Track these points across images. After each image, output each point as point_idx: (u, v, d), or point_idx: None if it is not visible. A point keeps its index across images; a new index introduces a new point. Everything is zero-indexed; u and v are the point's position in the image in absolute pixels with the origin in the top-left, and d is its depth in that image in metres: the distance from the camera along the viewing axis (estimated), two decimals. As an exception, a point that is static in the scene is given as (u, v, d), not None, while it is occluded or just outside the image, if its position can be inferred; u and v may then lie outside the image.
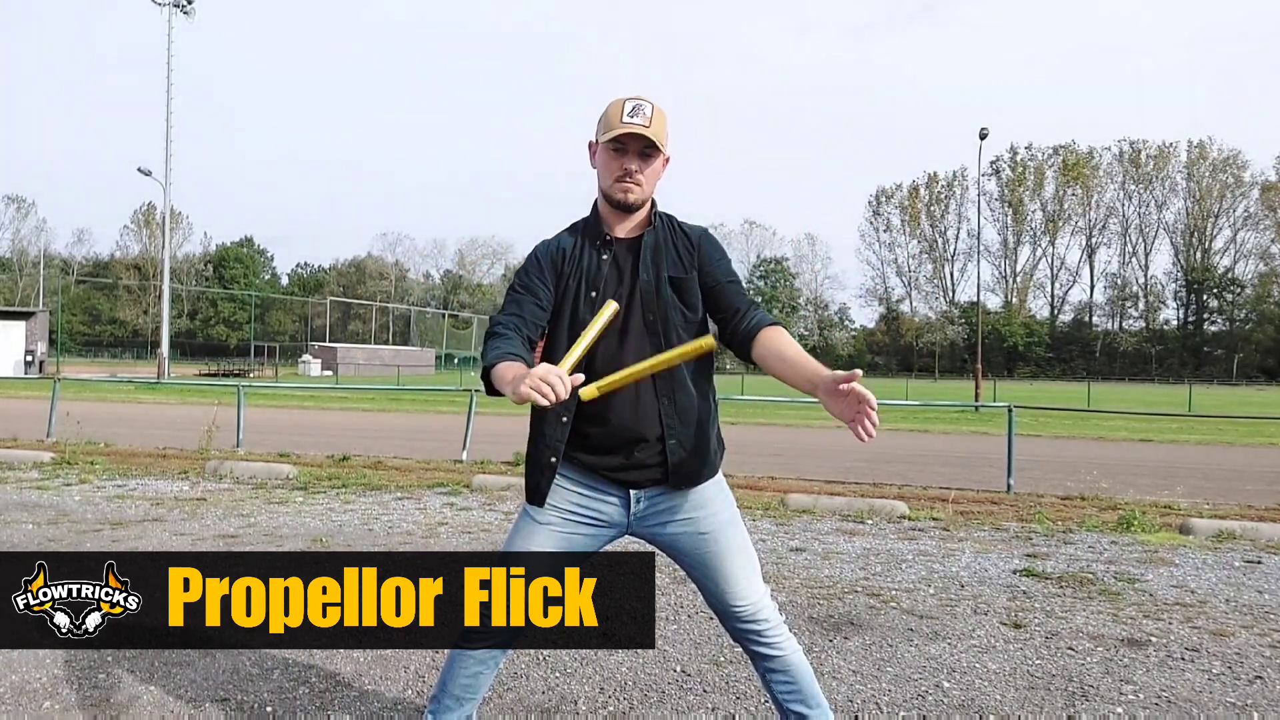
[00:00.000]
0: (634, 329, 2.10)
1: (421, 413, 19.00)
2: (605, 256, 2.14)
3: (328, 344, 60.30)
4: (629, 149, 2.08)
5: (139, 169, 38.16)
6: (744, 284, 2.23)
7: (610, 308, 2.01)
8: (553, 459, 2.12)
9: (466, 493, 7.45)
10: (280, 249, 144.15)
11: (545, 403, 1.73)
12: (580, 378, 1.82)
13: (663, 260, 2.13)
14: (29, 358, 36.68)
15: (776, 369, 2.00)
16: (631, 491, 2.12)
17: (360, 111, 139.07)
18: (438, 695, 2.23)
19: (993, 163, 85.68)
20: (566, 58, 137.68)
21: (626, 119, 2.06)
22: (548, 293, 2.15)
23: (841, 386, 1.76)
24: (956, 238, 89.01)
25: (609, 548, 2.22)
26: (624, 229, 2.17)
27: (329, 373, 49.84)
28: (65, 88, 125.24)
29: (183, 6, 38.43)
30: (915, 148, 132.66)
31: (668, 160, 2.19)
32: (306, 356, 54.97)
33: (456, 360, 63.77)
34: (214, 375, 42.65)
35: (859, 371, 1.75)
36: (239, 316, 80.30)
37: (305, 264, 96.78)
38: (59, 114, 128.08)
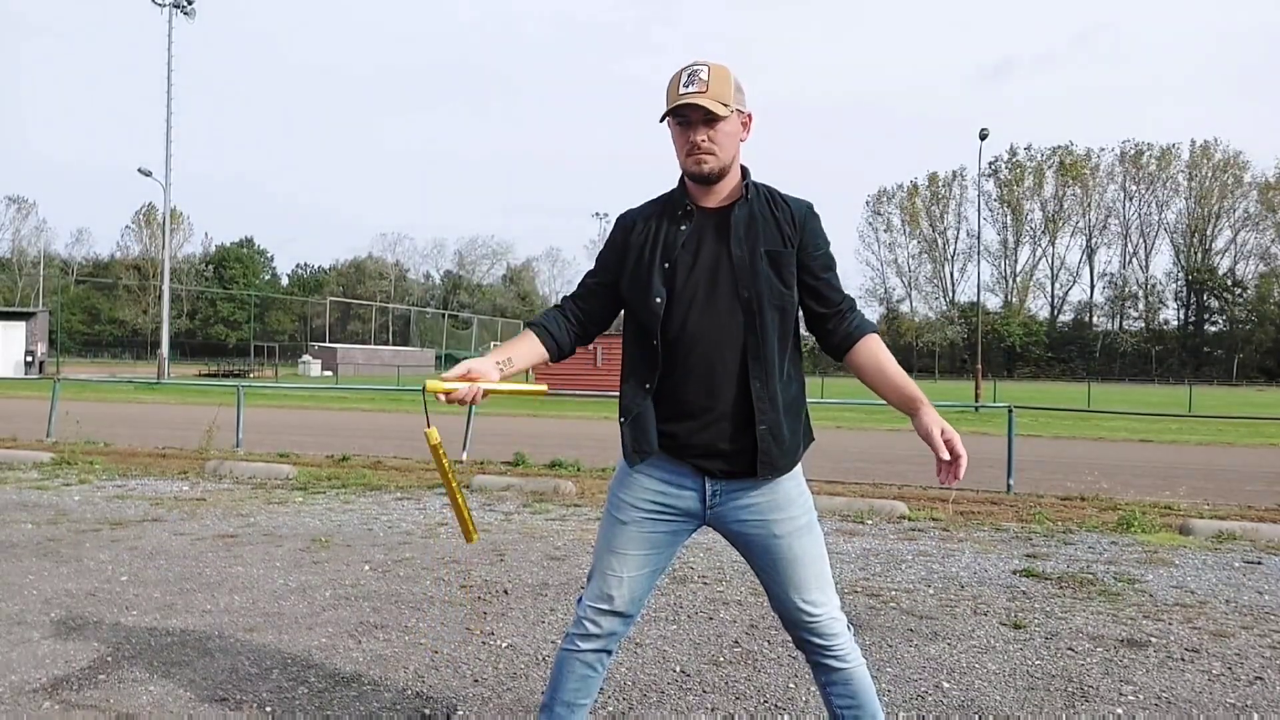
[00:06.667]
0: (725, 302, 2.01)
1: (421, 413, 18.98)
2: (685, 227, 2.06)
3: (327, 344, 60.30)
4: (692, 120, 1.99)
5: (139, 169, 38.19)
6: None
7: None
8: (638, 412, 2.07)
9: (466, 493, 7.45)
10: (280, 249, 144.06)
11: (443, 397, 1.93)
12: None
13: (759, 233, 2.03)
14: (29, 358, 36.67)
15: (872, 380, 2.07)
16: (707, 482, 2.06)
17: (360, 111, 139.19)
18: (548, 704, 2.17)
19: (991, 163, 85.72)
20: (566, 56, 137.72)
21: (682, 90, 1.99)
22: (617, 270, 2.13)
23: (943, 461, 1.96)
24: (956, 238, 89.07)
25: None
26: (712, 200, 2.08)
27: (329, 373, 49.82)
28: (65, 87, 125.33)
29: (183, 6, 38.39)
30: (915, 148, 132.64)
31: (749, 118, 2.09)
32: (306, 356, 54.93)
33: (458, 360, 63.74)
34: (214, 375, 42.64)
35: (959, 458, 1.95)
36: (239, 316, 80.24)
37: (305, 264, 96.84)
38: (59, 114, 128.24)
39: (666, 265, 2.05)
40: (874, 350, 2.07)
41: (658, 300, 2.03)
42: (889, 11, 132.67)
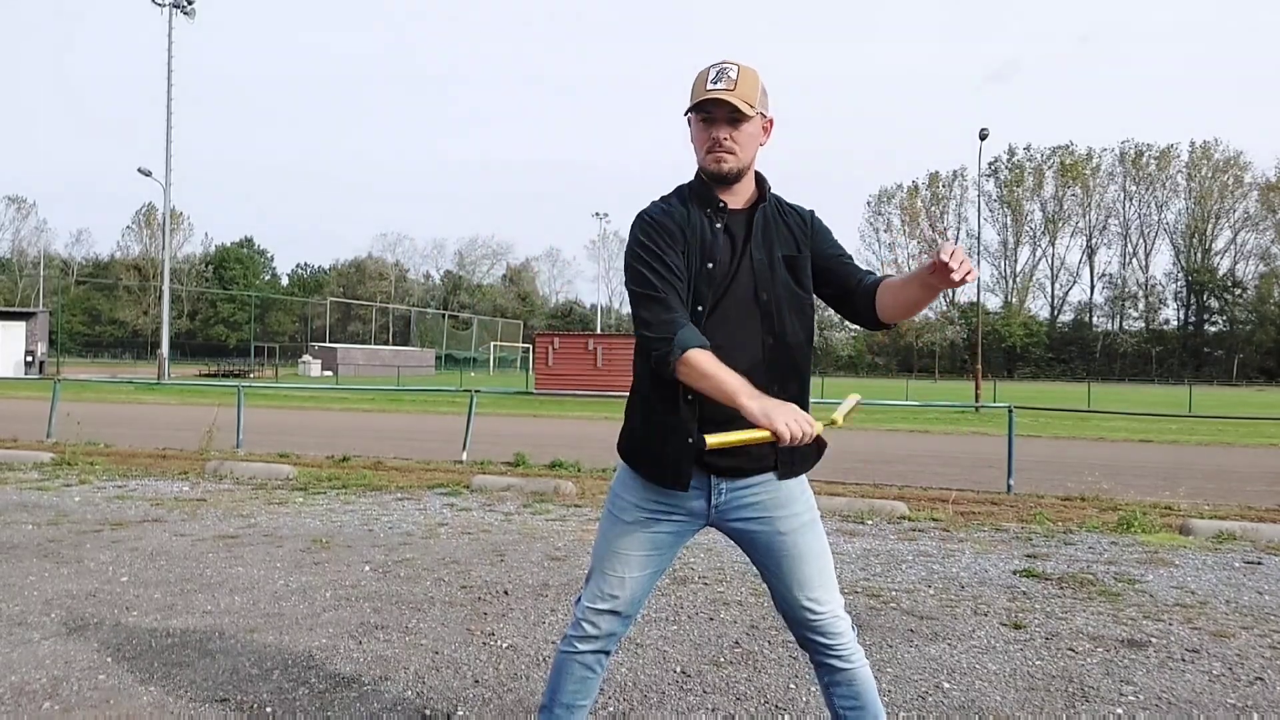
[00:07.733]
0: (745, 305, 2.01)
1: (421, 413, 18.99)
2: (719, 225, 2.04)
3: (328, 344, 60.25)
4: (716, 117, 1.99)
5: (139, 169, 38.14)
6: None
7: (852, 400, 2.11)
8: (689, 440, 1.98)
9: (466, 493, 7.45)
10: (280, 249, 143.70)
11: (797, 441, 1.80)
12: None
13: (775, 238, 2.06)
14: (29, 358, 36.67)
15: (898, 296, 1.96)
16: (713, 480, 2.04)
17: (360, 111, 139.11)
18: (547, 705, 2.17)
19: (991, 163, 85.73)
20: (565, 56, 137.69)
21: (710, 86, 1.99)
22: (681, 262, 2.01)
23: (939, 261, 1.75)
24: (956, 238, 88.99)
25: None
26: (734, 200, 2.07)
27: (329, 373, 49.80)
28: (66, 87, 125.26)
29: (183, 6, 38.33)
30: (916, 148, 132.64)
31: (770, 123, 2.09)
32: (306, 357, 54.88)
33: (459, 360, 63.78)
34: (214, 376, 42.61)
35: (948, 249, 1.75)
36: (239, 317, 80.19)
37: (305, 264, 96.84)
38: (59, 114, 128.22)
39: (710, 266, 2.02)
40: (885, 281, 2.03)
41: (700, 308, 2.01)
42: (890, 11, 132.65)
